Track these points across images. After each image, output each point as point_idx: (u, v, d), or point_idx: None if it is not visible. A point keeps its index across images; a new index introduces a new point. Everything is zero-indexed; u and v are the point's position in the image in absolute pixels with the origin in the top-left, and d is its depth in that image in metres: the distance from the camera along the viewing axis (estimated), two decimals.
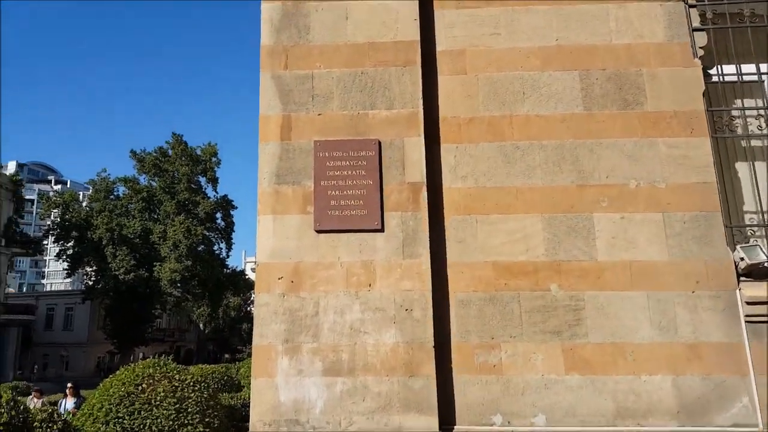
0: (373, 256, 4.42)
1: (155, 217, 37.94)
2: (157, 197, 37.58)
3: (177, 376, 6.96)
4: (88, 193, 43.08)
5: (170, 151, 37.86)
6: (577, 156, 4.68)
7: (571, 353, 4.39)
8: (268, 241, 4.47)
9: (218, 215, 39.62)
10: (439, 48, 4.88)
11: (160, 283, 36.23)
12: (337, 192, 4.48)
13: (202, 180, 39.15)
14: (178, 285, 37.14)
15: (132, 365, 7.44)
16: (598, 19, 4.89)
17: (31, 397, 13.14)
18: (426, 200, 4.50)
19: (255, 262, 4.61)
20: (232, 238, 40.68)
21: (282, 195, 4.54)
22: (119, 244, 36.33)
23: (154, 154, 37.40)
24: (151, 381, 6.77)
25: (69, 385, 12.83)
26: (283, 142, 4.62)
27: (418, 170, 4.54)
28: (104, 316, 42.85)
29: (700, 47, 4.83)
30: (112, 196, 39.18)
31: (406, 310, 4.32)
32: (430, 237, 4.45)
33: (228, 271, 41.84)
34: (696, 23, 4.87)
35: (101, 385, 7.10)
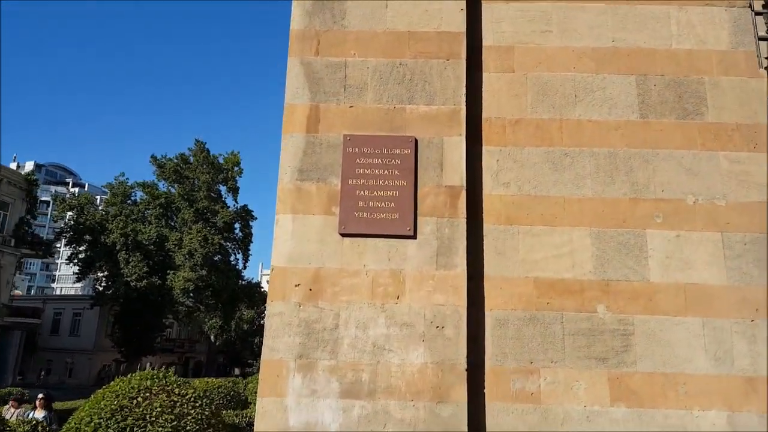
0: (402, 264, 3.98)
1: (172, 224, 37.28)
2: (176, 204, 36.99)
3: (177, 390, 6.42)
4: (105, 197, 42.42)
5: (192, 158, 37.38)
6: (631, 167, 4.26)
7: (618, 382, 3.94)
8: (286, 243, 4.03)
9: (237, 225, 39.01)
10: (485, 43, 4.48)
11: (172, 292, 35.48)
12: (366, 192, 4.05)
13: (223, 189, 38.66)
14: (191, 295, 36.44)
15: (129, 376, 6.90)
16: (658, 21, 4.50)
17: (8, 406, 11.73)
18: (465, 206, 4.07)
19: (271, 270, 4.16)
20: (249, 250, 40.04)
21: (304, 193, 4.11)
22: (133, 249, 35.60)
23: (175, 161, 36.87)
24: (147, 394, 6.23)
25: (39, 396, 11.24)
26: (309, 135, 4.20)
27: (457, 173, 4.11)
28: (113, 323, 41.94)
29: (765, 57, 4.44)
30: (129, 201, 38.47)
31: (437, 327, 3.87)
32: (466, 247, 4.01)
33: (243, 282, 41.10)
34: (762, 32, 4.49)
35: (92, 396, 6.54)
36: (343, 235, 4.01)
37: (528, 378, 3.96)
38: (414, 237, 4.01)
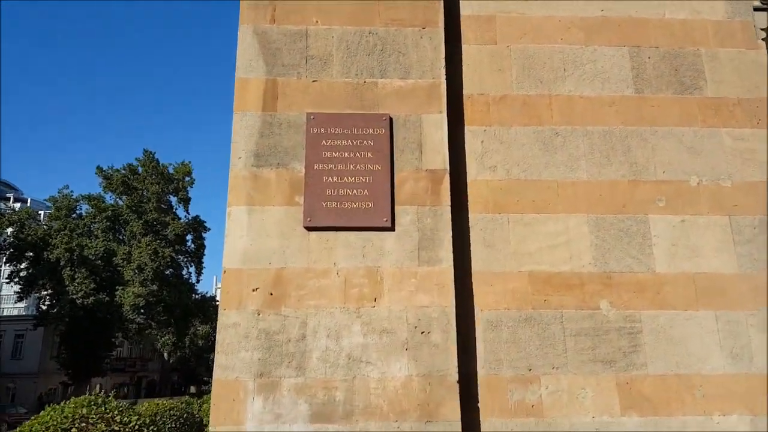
0: (379, 261, 3.41)
1: (120, 237, 35.27)
2: (124, 217, 34.97)
3: (118, 418, 5.61)
4: (49, 211, 39.83)
5: (140, 169, 35.57)
6: (629, 146, 3.83)
7: (628, 388, 3.46)
8: (241, 240, 3.40)
9: (189, 237, 37.22)
10: (463, 12, 4.00)
11: (122, 309, 33.45)
12: (335, 178, 3.48)
13: (173, 200, 36.88)
14: (142, 311, 34.46)
15: (62, 403, 6.02)
16: None
17: None
18: (449, 192, 3.54)
19: (223, 273, 3.52)
20: (202, 262, 38.30)
21: (262, 181, 3.50)
22: (79, 265, 33.43)
23: (123, 172, 34.99)
24: (84, 425, 5.41)
25: None
26: (266, 113, 3.60)
27: (439, 155, 3.59)
28: (58, 344, 39.30)
29: (762, 28, 4.11)
30: (74, 215, 36.25)
31: (423, 332, 3.30)
32: (451, 239, 3.48)
33: (197, 296, 39.23)
34: (756, 2, 4.17)
35: (18, 430, 5.67)
36: (309, 228, 3.42)
37: (527, 387, 3.44)
38: (392, 229, 3.46)
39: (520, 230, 3.67)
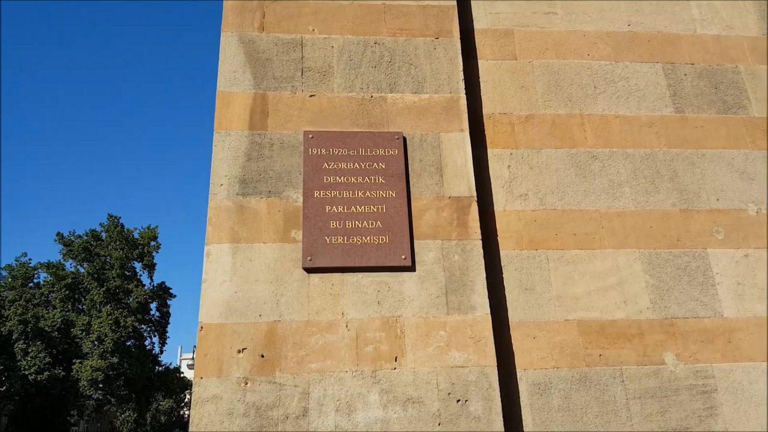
0: (399, 309, 2.71)
1: (80, 307, 32.80)
2: (84, 285, 32.64)
3: None
4: (3, 281, 37.13)
5: (104, 234, 33.63)
6: (675, 171, 3.32)
7: None
8: (223, 287, 2.67)
9: (153, 305, 34.91)
10: (477, 26, 3.53)
11: (78, 384, 30.65)
12: (340, 208, 2.82)
13: (138, 266, 34.85)
14: (101, 386, 31.58)
15: None
16: (676, 4, 3.75)
17: None
18: (478, 223, 2.92)
19: (199, 331, 2.74)
20: (167, 332, 35.68)
21: (250, 212, 2.81)
22: (33, 338, 30.61)
23: (85, 238, 32.98)
24: None
25: None
26: (254, 133, 2.96)
27: (463, 180, 2.99)
28: (6, 426, 35.61)
29: None
30: (31, 284, 33.78)
31: (458, 401, 2.57)
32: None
33: (160, 369, 36.47)
34: None
35: None
36: (310, 270, 2.72)
37: None
38: (412, 268, 2.78)
39: (562, 270, 3.04)
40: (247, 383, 2.50)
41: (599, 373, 2.87)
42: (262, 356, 2.56)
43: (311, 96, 3.07)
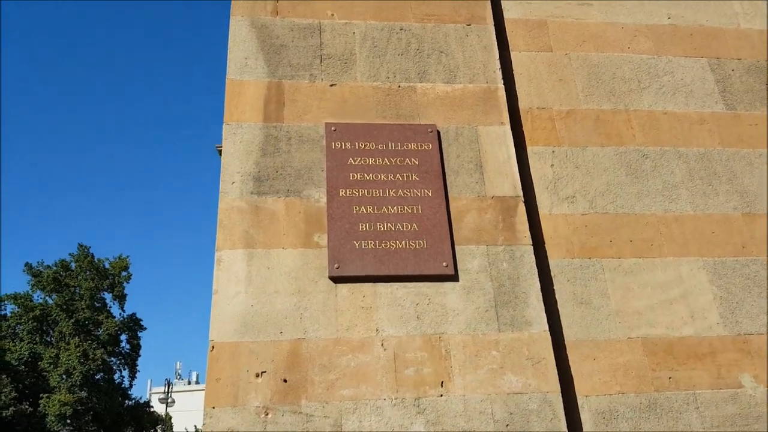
0: (442, 325, 2.31)
1: (48, 339, 31.37)
2: (53, 316, 31.30)
3: None
4: None
5: (73, 265, 32.52)
6: (733, 171, 3.00)
7: None
8: (237, 299, 2.25)
9: (123, 337, 33.49)
10: (508, 15, 3.23)
11: (46, 419, 29.04)
12: (370, 208, 2.44)
13: (108, 297, 33.56)
14: (69, 421, 29.95)
15: None
16: None
17: None
18: (527, 226, 2.55)
19: (210, 351, 2.31)
20: (137, 365, 34.17)
21: (266, 213, 2.41)
22: None
23: (54, 268, 31.82)
24: None
25: None
26: (269, 125, 2.59)
27: (507, 178, 2.63)
28: None
29: None
30: None
31: None
32: None
33: (130, 403, 34.84)
34: None
35: None
36: (337, 279, 2.32)
37: None
38: (455, 278, 2.40)
39: (620, 281, 2.67)
40: (267, 413, 2.07)
41: (670, 398, 2.47)
42: (285, 381, 2.13)
43: (332, 85, 2.72)
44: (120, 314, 34.15)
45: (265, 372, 2.12)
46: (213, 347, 2.16)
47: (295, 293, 2.28)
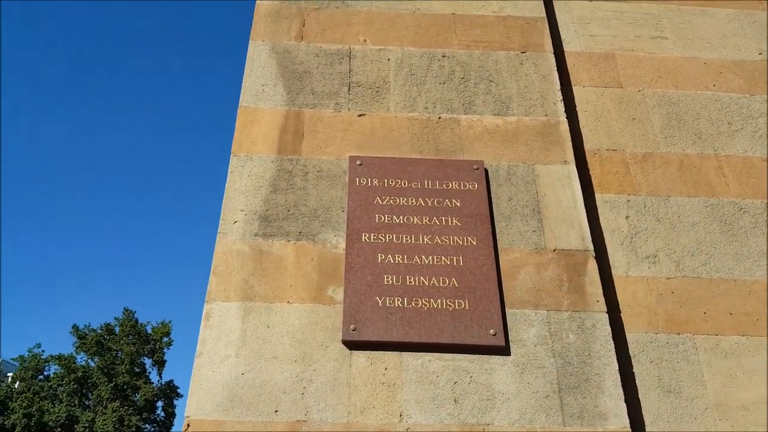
0: (488, 413, 1.76)
1: (87, 402, 31.24)
2: (93, 379, 31.29)
3: None
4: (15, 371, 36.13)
5: (117, 329, 32.83)
6: None
7: None
8: (224, 365, 1.78)
9: (159, 404, 33.03)
10: (567, 48, 2.82)
11: None
12: (399, 258, 1.97)
13: (148, 362, 33.45)
14: None
15: None
16: None
17: None
18: (600, 288, 2.02)
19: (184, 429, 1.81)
20: None
21: (271, 260, 1.98)
22: None
23: (99, 331, 32.15)
24: None
25: None
26: (284, 157, 2.20)
27: (573, 227, 2.13)
28: None
29: None
30: (41, 376, 32.62)
31: None
32: None
33: None
34: None
35: None
36: (353, 345, 1.82)
37: None
38: (505, 351, 1.86)
39: (719, 365, 2.06)
40: None
41: None
42: None
43: (360, 115, 2.33)
44: (158, 380, 33.80)
45: None
46: (188, 425, 1.68)
47: (299, 360, 1.79)
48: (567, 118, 2.53)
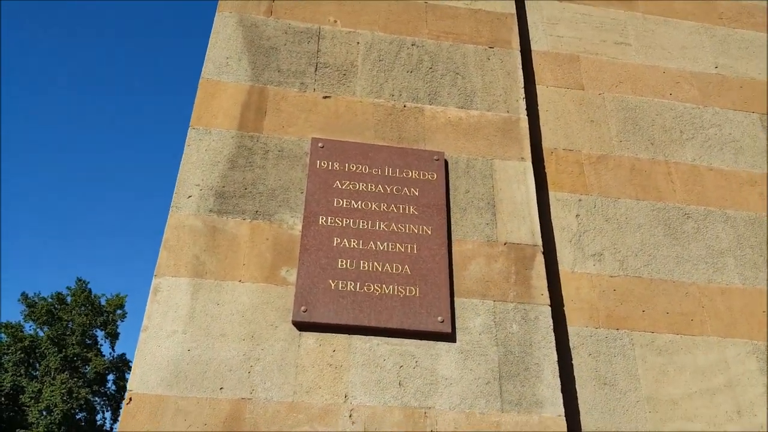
0: (431, 397, 1.81)
1: (33, 373, 30.22)
2: (41, 349, 30.24)
3: None
4: None
5: (69, 299, 31.78)
6: None
7: None
8: (171, 341, 1.78)
9: (110, 377, 32.18)
10: (535, 47, 2.87)
11: None
12: (354, 242, 1.99)
13: (100, 334, 32.51)
14: None
15: None
16: None
17: None
18: (546, 282, 2.09)
19: (126, 403, 1.80)
20: (121, 407, 32.95)
21: (225, 237, 1.97)
22: None
23: (50, 300, 31.11)
24: None
25: None
26: (245, 134, 2.18)
27: (525, 222, 2.19)
28: None
29: None
30: None
31: None
32: None
33: None
34: None
35: None
36: (303, 326, 1.85)
37: None
38: (451, 337, 1.91)
39: (653, 360, 2.17)
40: None
41: None
42: None
43: (325, 97, 2.32)
44: (110, 353, 33.01)
45: None
46: (130, 399, 1.67)
47: (247, 339, 1.80)
48: (528, 115, 2.58)
